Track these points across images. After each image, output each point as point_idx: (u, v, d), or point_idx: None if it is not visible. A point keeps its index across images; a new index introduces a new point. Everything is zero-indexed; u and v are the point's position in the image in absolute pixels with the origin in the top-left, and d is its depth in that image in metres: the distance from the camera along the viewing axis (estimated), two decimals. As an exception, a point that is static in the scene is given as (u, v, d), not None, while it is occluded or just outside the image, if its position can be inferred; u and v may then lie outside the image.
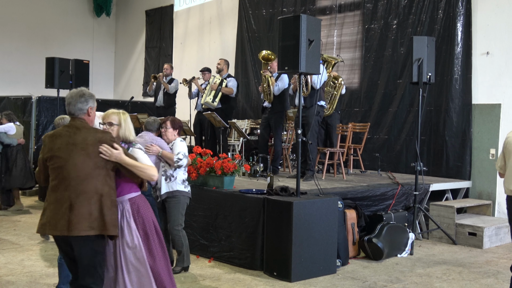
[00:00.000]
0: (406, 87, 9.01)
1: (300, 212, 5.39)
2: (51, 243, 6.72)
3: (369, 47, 9.62)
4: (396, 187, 7.27)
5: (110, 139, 3.50)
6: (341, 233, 5.99)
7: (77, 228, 3.34)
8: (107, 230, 3.42)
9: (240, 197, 5.95)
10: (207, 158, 6.33)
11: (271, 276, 5.48)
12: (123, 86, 16.60)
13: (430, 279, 5.60)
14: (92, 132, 3.51)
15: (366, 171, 8.94)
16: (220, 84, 9.15)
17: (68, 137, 3.46)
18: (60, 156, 3.43)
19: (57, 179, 3.44)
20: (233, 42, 12.35)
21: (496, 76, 8.04)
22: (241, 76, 11.96)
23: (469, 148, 8.23)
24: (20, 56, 14.86)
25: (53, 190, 3.46)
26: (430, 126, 8.67)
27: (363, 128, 8.75)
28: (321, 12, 10.48)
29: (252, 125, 10.41)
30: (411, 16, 9.02)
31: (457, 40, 8.37)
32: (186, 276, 5.46)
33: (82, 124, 3.53)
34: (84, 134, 3.47)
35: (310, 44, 5.68)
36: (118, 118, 3.83)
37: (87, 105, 3.57)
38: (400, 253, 6.54)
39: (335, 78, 8.45)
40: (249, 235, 5.76)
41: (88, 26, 16.52)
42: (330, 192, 6.28)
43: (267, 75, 8.10)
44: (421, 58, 6.98)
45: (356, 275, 5.65)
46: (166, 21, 14.79)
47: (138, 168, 3.55)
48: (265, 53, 8.28)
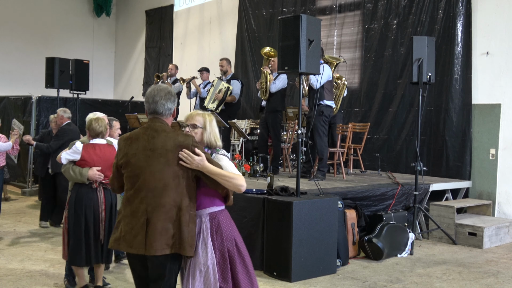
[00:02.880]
0: (406, 87, 9.01)
1: (300, 212, 5.39)
2: (51, 243, 6.72)
3: (369, 47, 9.62)
4: (396, 187, 7.27)
5: (193, 144, 3.08)
6: (341, 233, 5.99)
7: (153, 247, 2.98)
8: (183, 249, 3.03)
9: (240, 197, 5.94)
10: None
11: (271, 276, 5.48)
12: (123, 86, 16.61)
13: (430, 279, 5.60)
14: (173, 136, 3.07)
15: (366, 171, 8.94)
16: (225, 93, 9.18)
17: (146, 141, 3.07)
18: (136, 163, 3.07)
19: (133, 189, 3.08)
20: (233, 42, 12.35)
21: (496, 76, 8.04)
22: (241, 76, 11.96)
23: (469, 148, 8.23)
24: (20, 56, 14.87)
25: (128, 202, 3.10)
26: (430, 126, 8.68)
27: (363, 128, 8.75)
28: (321, 12, 10.49)
29: (252, 125, 10.41)
30: (411, 16, 9.02)
31: (457, 40, 8.37)
32: (186, 276, 5.46)
33: (162, 126, 3.12)
34: (163, 138, 3.06)
35: (310, 44, 5.68)
36: (203, 120, 3.32)
37: (175, 105, 3.20)
38: (400, 253, 6.54)
39: (337, 79, 8.47)
40: (249, 235, 5.76)
41: (88, 26, 16.53)
42: (330, 192, 6.27)
43: (267, 72, 8.13)
44: (421, 58, 6.98)
45: (356, 275, 5.65)
46: (166, 21, 14.80)
47: (223, 177, 3.07)
48: (268, 49, 8.33)
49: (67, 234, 4.65)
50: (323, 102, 7.49)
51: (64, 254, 4.75)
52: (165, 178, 3.02)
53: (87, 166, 4.61)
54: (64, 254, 4.76)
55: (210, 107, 9.15)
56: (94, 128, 4.69)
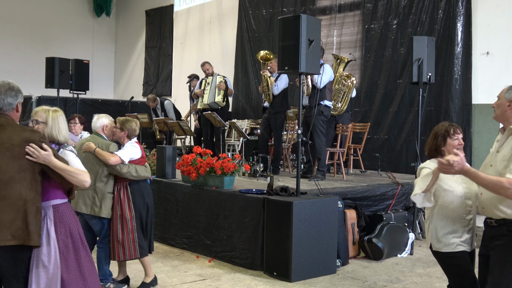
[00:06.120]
0: (406, 87, 9.02)
1: (300, 212, 5.39)
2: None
3: (369, 47, 9.62)
4: (396, 187, 7.27)
5: (39, 139, 3.15)
6: (341, 233, 5.98)
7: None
8: (30, 240, 3.10)
9: (240, 197, 5.95)
10: (207, 158, 6.33)
11: (271, 276, 5.48)
12: (123, 86, 16.61)
13: (430, 279, 5.60)
14: (19, 131, 3.14)
15: (366, 171, 8.93)
16: (225, 83, 9.32)
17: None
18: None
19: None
20: (233, 42, 12.35)
21: (496, 76, 8.04)
22: (241, 76, 11.98)
23: (469, 148, 8.23)
24: (20, 56, 14.86)
25: None
26: (430, 126, 8.66)
27: (363, 128, 8.75)
28: (321, 12, 10.49)
29: (252, 125, 10.41)
30: (411, 16, 9.02)
31: (457, 40, 8.37)
32: (186, 275, 5.47)
33: (8, 121, 3.15)
34: (9, 133, 3.11)
35: (310, 44, 5.69)
36: (45, 116, 3.40)
37: (17, 99, 3.22)
38: (400, 253, 6.53)
39: (347, 77, 8.45)
40: (250, 235, 5.76)
41: (88, 26, 16.52)
42: (330, 192, 6.27)
43: (266, 75, 8.10)
44: (421, 58, 6.98)
45: (356, 275, 5.65)
46: (166, 21, 14.80)
47: (68, 173, 3.21)
48: (263, 53, 8.29)
49: (133, 232, 4.86)
50: (323, 102, 7.50)
51: (134, 253, 4.86)
52: (10, 171, 3.08)
53: (143, 163, 4.99)
54: (134, 254, 4.86)
55: (218, 100, 9.19)
56: (134, 129, 4.96)
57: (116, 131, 4.95)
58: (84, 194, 4.79)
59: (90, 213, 4.80)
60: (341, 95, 8.41)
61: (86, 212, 4.79)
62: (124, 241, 4.80)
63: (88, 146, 4.81)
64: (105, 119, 5.06)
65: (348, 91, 8.43)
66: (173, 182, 6.78)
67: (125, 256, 4.84)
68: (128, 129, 4.91)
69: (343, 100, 8.42)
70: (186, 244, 6.47)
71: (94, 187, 4.76)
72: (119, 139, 4.96)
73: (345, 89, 8.40)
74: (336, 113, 8.38)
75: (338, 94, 8.39)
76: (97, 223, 4.85)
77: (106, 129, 5.02)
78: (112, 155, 4.74)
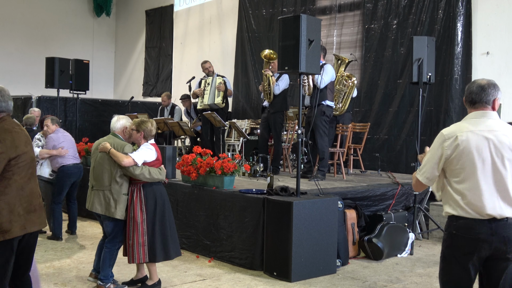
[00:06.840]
0: (406, 87, 9.01)
1: (300, 212, 5.39)
2: (51, 243, 6.73)
3: (369, 47, 9.62)
4: (396, 187, 7.27)
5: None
6: (341, 233, 5.98)
7: None
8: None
9: (240, 197, 5.95)
10: (207, 158, 6.33)
11: (271, 276, 5.48)
12: (123, 86, 16.61)
13: (430, 279, 5.60)
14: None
15: (366, 171, 8.94)
16: (225, 84, 9.30)
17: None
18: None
19: None
20: (233, 42, 12.35)
21: (496, 76, 8.03)
22: (241, 76, 11.97)
23: (469, 148, 8.21)
24: (20, 56, 14.87)
25: None
26: (430, 126, 8.67)
27: (363, 128, 8.75)
28: (321, 12, 10.49)
29: (252, 125, 10.42)
30: (411, 16, 9.02)
31: (457, 40, 8.37)
32: (186, 275, 5.47)
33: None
34: None
35: (310, 44, 5.69)
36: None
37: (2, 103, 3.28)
38: (400, 253, 6.53)
39: (348, 77, 8.45)
40: (250, 235, 5.76)
41: (88, 26, 16.53)
42: (330, 192, 6.27)
43: (268, 74, 8.10)
44: (421, 58, 6.98)
45: (356, 275, 5.65)
46: (166, 21, 14.80)
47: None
48: (267, 52, 8.30)
49: (144, 235, 4.76)
50: (324, 102, 7.50)
51: (143, 257, 4.79)
52: None
53: (158, 165, 4.92)
54: (143, 257, 4.79)
55: (217, 102, 9.18)
56: (150, 129, 4.88)
57: (133, 132, 4.89)
58: (100, 195, 4.78)
59: (105, 213, 4.79)
60: (342, 95, 8.41)
61: (101, 212, 4.79)
62: (134, 244, 4.76)
63: (104, 147, 4.80)
64: (125, 121, 5.05)
65: (349, 91, 8.44)
66: (173, 182, 6.78)
67: (133, 259, 4.80)
68: (144, 130, 4.84)
69: (344, 100, 8.43)
70: (186, 244, 6.47)
71: (109, 188, 4.76)
72: (136, 140, 4.91)
73: (346, 89, 8.40)
74: (337, 113, 8.39)
75: (339, 95, 8.40)
76: (109, 224, 4.84)
77: (126, 132, 4.99)
78: (125, 156, 4.71)
